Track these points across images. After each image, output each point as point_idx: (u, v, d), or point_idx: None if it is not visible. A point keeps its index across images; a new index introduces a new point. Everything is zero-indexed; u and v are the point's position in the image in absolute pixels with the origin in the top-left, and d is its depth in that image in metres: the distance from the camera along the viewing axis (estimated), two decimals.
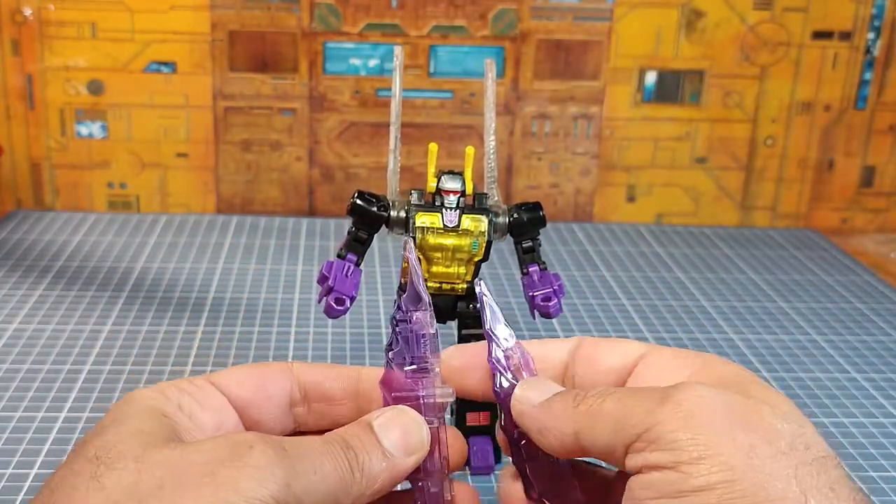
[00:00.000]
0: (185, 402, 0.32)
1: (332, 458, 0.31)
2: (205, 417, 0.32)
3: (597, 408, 0.31)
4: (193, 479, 0.27)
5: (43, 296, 0.71)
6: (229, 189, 0.92)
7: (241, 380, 0.34)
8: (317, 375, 0.35)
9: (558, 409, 0.32)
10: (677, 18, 0.90)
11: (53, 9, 0.86)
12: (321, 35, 0.89)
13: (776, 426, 0.28)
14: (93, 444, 0.29)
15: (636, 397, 0.30)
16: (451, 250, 0.47)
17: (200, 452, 0.28)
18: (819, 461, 0.28)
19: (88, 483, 0.27)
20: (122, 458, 0.28)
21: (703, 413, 0.28)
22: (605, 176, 0.95)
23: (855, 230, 0.98)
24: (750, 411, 0.29)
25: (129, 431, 0.29)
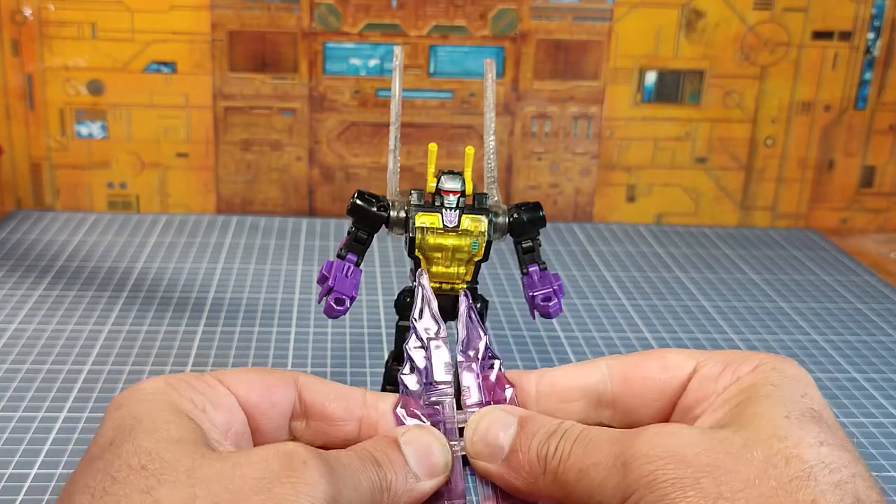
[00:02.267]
0: (197, 399, 0.31)
1: (367, 475, 0.30)
2: (216, 417, 0.32)
3: (564, 477, 0.30)
4: (249, 497, 0.27)
5: (43, 296, 0.71)
6: (229, 189, 0.92)
7: (248, 382, 0.34)
8: (320, 393, 0.35)
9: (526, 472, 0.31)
10: (677, 18, 0.90)
11: (53, 9, 0.86)
12: (321, 35, 0.89)
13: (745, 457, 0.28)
14: (129, 450, 0.28)
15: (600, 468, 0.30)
16: (450, 250, 0.47)
17: (253, 466, 0.28)
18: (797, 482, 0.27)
19: (140, 497, 0.26)
20: (173, 471, 0.27)
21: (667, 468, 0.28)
22: (605, 176, 0.95)
23: (855, 230, 0.98)
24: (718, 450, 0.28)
25: (167, 438, 0.28)
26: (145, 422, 0.29)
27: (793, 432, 0.29)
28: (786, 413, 0.30)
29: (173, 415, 0.30)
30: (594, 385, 0.35)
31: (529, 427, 0.32)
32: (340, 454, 0.31)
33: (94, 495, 0.27)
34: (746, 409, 0.30)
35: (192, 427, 0.30)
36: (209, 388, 0.32)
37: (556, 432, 0.31)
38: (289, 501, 0.27)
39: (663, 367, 0.34)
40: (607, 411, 0.35)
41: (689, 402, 0.33)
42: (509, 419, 0.33)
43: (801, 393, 0.31)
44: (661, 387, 0.34)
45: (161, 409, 0.30)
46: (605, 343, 0.67)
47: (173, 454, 0.28)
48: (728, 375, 0.33)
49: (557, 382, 0.35)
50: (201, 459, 0.28)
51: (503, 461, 0.32)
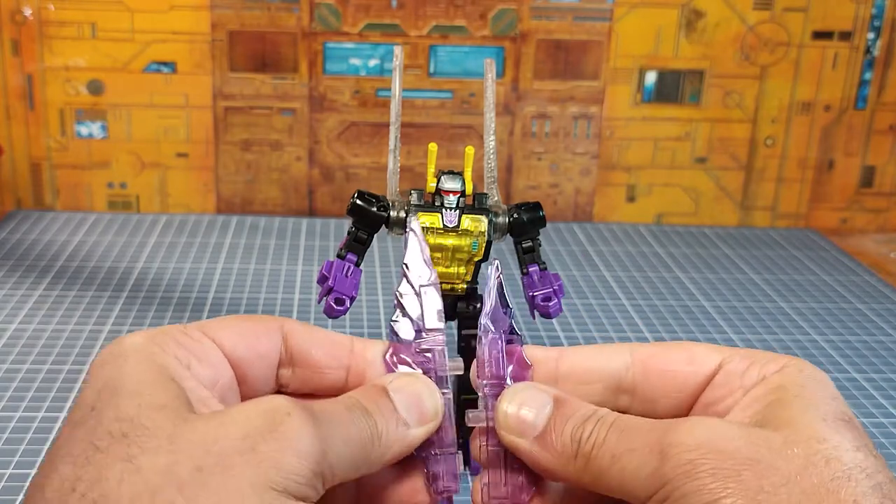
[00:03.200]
0: (181, 355, 0.30)
1: (356, 426, 0.30)
2: (202, 372, 0.31)
3: (596, 462, 0.30)
4: (233, 458, 0.26)
5: (43, 296, 0.71)
6: (229, 189, 0.92)
7: (235, 334, 0.33)
8: (306, 341, 0.34)
9: (556, 452, 0.31)
10: (677, 18, 0.90)
11: (53, 9, 0.86)
12: (321, 35, 0.89)
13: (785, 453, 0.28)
14: (111, 417, 0.27)
15: (635, 451, 0.29)
16: (450, 250, 0.47)
17: (236, 425, 0.27)
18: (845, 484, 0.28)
19: (122, 465, 0.26)
20: (154, 437, 0.26)
21: (707, 459, 0.28)
22: (605, 176, 0.95)
23: (855, 230, 0.98)
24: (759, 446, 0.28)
25: (150, 405, 0.28)
26: (127, 385, 0.28)
27: (830, 435, 0.29)
28: (822, 416, 0.30)
29: (156, 376, 0.29)
30: (616, 370, 0.34)
31: (565, 409, 0.32)
32: (327, 405, 0.30)
33: (76, 464, 0.26)
34: (780, 409, 0.30)
35: (175, 389, 0.29)
36: (194, 342, 0.31)
37: (591, 417, 0.31)
38: (274, 458, 0.26)
39: (688, 360, 0.34)
40: (626, 398, 0.35)
41: (713, 396, 0.33)
42: (546, 398, 0.32)
43: (830, 396, 0.31)
44: (684, 379, 0.34)
45: (144, 370, 0.29)
46: (605, 343, 0.67)
47: (155, 420, 0.27)
48: (754, 373, 0.33)
49: (579, 364, 0.35)
50: (183, 424, 0.27)
51: (535, 438, 0.32)
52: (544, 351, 0.35)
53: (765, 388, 0.32)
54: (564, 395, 0.33)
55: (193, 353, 0.31)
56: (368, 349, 0.34)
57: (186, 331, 0.32)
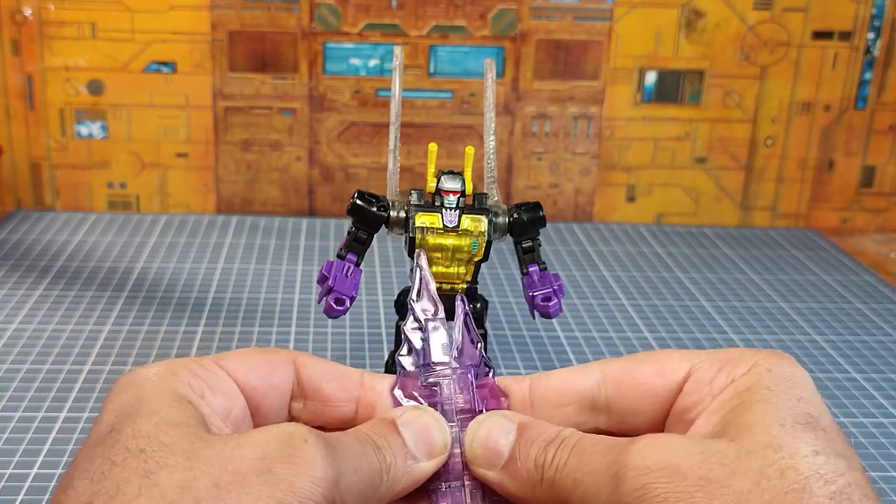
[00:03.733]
0: (195, 384, 0.31)
1: (367, 458, 0.30)
2: (216, 401, 0.31)
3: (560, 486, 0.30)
4: (249, 478, 0.26)
5: (43, 296, 0.71)
6: (229, 189, 0.92)
7: (248, 365, 0.33)
8: (317, 374, 0.34)
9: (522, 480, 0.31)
10: (677, 18, 0.90)
11: (53, 9, 0.86)
12: (321, 35, 0.89)
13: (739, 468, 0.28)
14: (129, 434, 0.28)
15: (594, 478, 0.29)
16: (450, 250, 0.47)
17: (253, 447, 0.27)
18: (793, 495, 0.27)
19: (140, 481, 0.26)
20: (171, 454, 0.27)
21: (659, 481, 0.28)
22: (605, 176, 0.95)
23: (855, 230, 0.98)
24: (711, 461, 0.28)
25: (166, 422, 0.28)
26: (145, 406, 0.29)
27: (787, 441, 0.28)
28: (780, 421, 0.29)
29: (172, 399, 0.30)
30: (588, 390, 0.35)
31: (528, 434, 0.32)
32: (340, 436, 0.30)
33: (93, 479, 0.27)
34: (740, 416, 0.30)
35: (191, 411, 0.29)
36: (208, 372, 0.32)
37: (554, 440, 0.31)
38: (289, 481, 0.27)
39: (657, 372, 0.34)
40: (602, 416, 0.35)
41: (684, 405, 0.33)
42: (509, 426, 0.33)
43: (796, 396, 0.30)
44: (655, 391, 0.34)
45: (160, 393, 0.30)
46: (605, 343, 0.67)
47: (172, 437, 0.28)
48: (723, 377, 0.32)
49: (551, 388, 0.35)
50: (200, 442, 0.28)
51: (502, 468, 0.32)
52: (516, 381, 0.36)
53: (732, 391, 0.31)
54: (529, 420, 0.33)
55: (207, 382, 0.32)
56: (378, 382, 0.35)
57: (200, 362, 0.32)
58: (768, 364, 0.32)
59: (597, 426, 0.35)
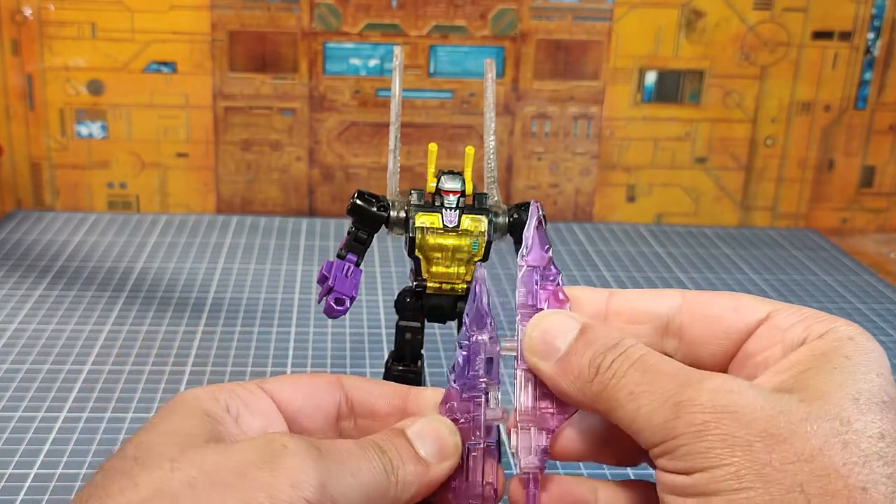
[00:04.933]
0: (233, 404, 0.32)
1: (368, 461, 0.30)
2: (252, 422, 0.32)
3: (612, 394, 0.30)
4: (225, 479, 0.27)
5: (43, 296, 0.71)
6: (229, 189, 0.92)
7: (293, 387, 0.34)
8: (366, 392, 0.35)
9: (574, 375, 0.31)
10: (677, 18, 0.90)
11: (53, 9, 0.86)
12: (321, 35, 0.89)
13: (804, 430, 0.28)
14: (133, 443, 0.29)
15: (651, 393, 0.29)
16: (450, 250, 0.47)
17: (234, 452, 0.28)
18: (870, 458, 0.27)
19: (123, 482, 0.27)
20: (159, 458, 0.28)
21: (720, 423, 0.28)
22: (605, 176, 0.95)
23: (855, 230, 0.98)
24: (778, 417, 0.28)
25: (167, 431, 0.29)
26: (161, 419, 0.30)
27: (856, 417, 0.28)
28: (855, 394, 0.29)
29: (191, 414, 0.30)
30: (664, 312, 0.34)
31: (589, 335, 0.32)
32: (339, 443, 0.31)
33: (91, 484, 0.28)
34: (815, 379, 0.29)
35: (204, 424, 0.30)
36: (248, 392, 0.33)
37: (615, 347, 0.31)
38: (266, 484, 0.27)
39: (734, 307, 0.34)
40: (672, 341, 0.34)
41: (755, 347, 0.33)
42: (572, 323, 0.33)
43: (875, 371, 0.30)
44: (729, 325, 0.33)
45: (186, 409, 0.31)
46: None
47: (166, 445, 0.28)
48: (799, 330, 0.32)
49: (628, 304, 0.35)
50: (190, 449, 0.28)
51: (557, 361, 0.32)
52: (594, 291, 0.36)
53: (807, 352, 0.31)
54: (593, 323, 0.33)
55: (245, 402, 0.32)
56: (424, 397, 0.35)
57: (244, 384, 0.33)
58: (850, 332, 0.31)
59: (664, 350, 0.34)
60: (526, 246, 0.36)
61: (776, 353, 0.32)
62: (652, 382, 0.30)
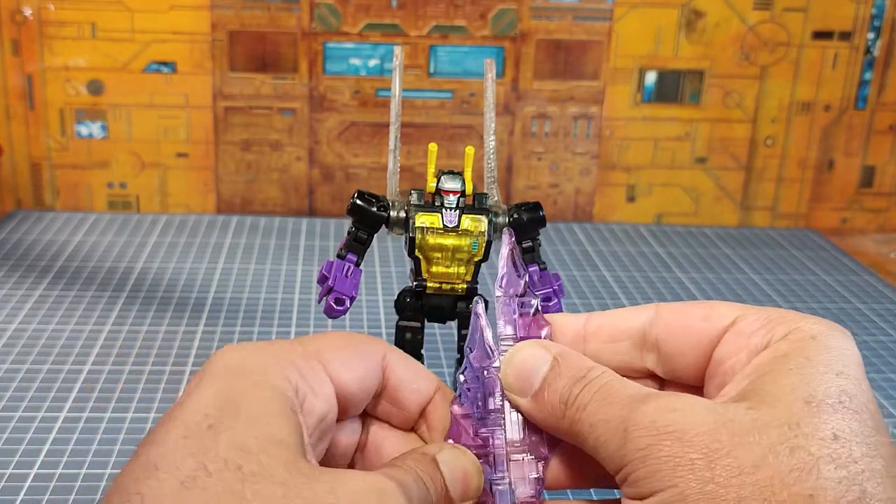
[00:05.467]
0: (301, 386, 0.30)
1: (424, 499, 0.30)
2: (317, 407, 0.31)
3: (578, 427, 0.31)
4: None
5: (43, 296, 0.71)
6: (229, 189, 0.92)
7: (348, 367, 0.33)
8: (401, 379, 0.34)
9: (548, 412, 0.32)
10: (677, 18, 0.90)
11: (53, 9, 0.86)
12: (321, 35, 0.89)
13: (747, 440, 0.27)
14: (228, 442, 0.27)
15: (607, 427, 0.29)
16: (450, 250, 0.47)
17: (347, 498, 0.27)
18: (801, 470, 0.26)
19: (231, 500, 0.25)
20: (269, 481, 0.26)
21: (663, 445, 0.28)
22: (605, 176, 0.95)
23: (855, 230, 0.98)
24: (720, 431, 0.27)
25: (269, 439, 0.27)
26: (249, 409, 0.28)
27: (806, 420, 0.27)
28: (807, 396, 0.28)
29: (279, 407, 0.29)
30: (640, 327, 0.34)
31: (560, 367, 0.32)
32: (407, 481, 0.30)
33: (182, 482, 0.26)
34: (769, 383, 0.29)
35: (294, 425, 0.29)
36: (314, 373, 0.31)
37: (582, 378, 0.31)
38: None
39: (705, 315, 0.33)
40: (652, 356, 0.34)
41: (723, 354, 0.32)
42: (545, 356, 0.32)
43: (835, 370, 0.29)
44: (699, 335, 0.33)
45: (266, 396, 0.29)
46: None
47: (271, 459, 0.27)
48: (762, 334, 0.31)
49: (605, 323, 0.35)
50: (297, 474, 0.27)
51: (532, 397, 0.32)
52: (573, 316, 0.36)
53: (769, 355, 0.30)
54: (565, 352, 0.33)
55: (312, 385, 0.31)
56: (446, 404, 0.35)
57: (307, 359, 0.31)
58: (814, 331, 0.30)
59: (646, 366, 0.34)
60: (500, 275, 0.36)
61: (742, 359, 0.31)
62: (607, 411, 0.30)
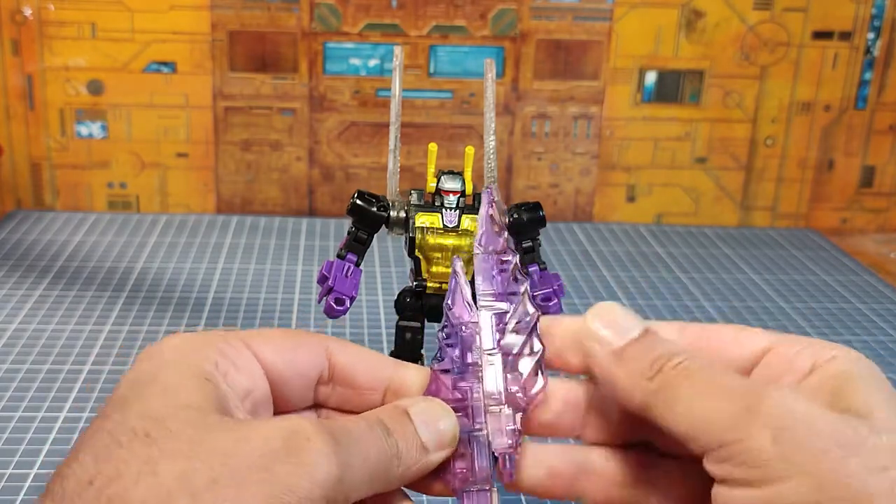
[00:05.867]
0: (221, 362, 0.31)
1: (377, 445, 0.30)
2: (239, 381, 0.31)
3: (673, 391, 0.30)
4: (248, 476, 0.27)
5: (43, 296, 0.71)
6: (229, 189, 0.92)
7: (276, 349, 0.33)
8: (350, 361, 0.34)
9: (632, 368, 0.31)
10: (677, 18, 0.90)
11: (53, 9, 0.86)
12: (321, 35, 0.89)
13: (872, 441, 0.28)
14: (137, 412, 0.28)
15: (719, 396, 0.29)
16: (450, 250, 0.47)
17: (256, 440, 0.27)
18: None
19: (140, 466, 0.26)
20: (176, 441, 0.27)
21: (794, 428, 0.28)
22: (605, 176, 0.95)
23: (855, 230, 0.98)
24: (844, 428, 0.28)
25: (177, 404, 0.28)
26: (161, 381, 0.29)
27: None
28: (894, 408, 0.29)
29: (190, 377, 0.29)
30: None
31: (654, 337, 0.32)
32: (349, 423, 0.30)
33: (97, 458, 0.27)
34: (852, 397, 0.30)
35: (207, 391, 0.29)
36: (235, 350, 0.32)
37: (679, 353, 0.31)
38: (288, 482, 0.27)
39: (735, 339, 0.33)
40: None
41: (764, 376, 0.32)
42: (637, 322, 0.32)
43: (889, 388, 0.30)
44: (730, 358, 0.33)
45: (180, 369, 0.29)
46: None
47: (179, 422, 0.27)
48: (806, 358, 0.32)
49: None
50: (206, 430, 0.27)
51: (614, 351, 0.31)
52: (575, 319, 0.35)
53: (823, 375, 0.31)
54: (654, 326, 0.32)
55: (232, 361, 0.31)
56: (409, 374, 0.35)
57: (228, 339, 0.32)
58: (852, 355, 0.31)
59: None
60: (479, 233, 0.36)
61: (788, 382, 0.32)
62: (722, 385, 0.29)
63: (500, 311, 0.35)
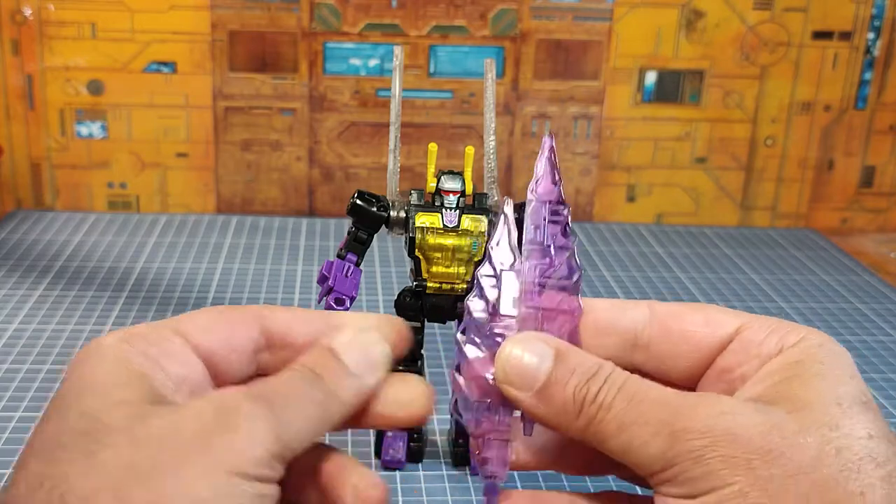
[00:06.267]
0: (150, 352, 0.31)
1: (311, 394, 0.30)
2: (171, 369, 0.31)
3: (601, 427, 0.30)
4: (189, 453, 0.27)
5: (43, 296, 0.71)
6: (229, 189, 0.92)
7: (205, 329, 0.33)
8: (283, 323, 0.34)
9: (558, 407, 0.31)
10: (677, 18, 0.90)
11: (53, 9, 0.86)
12: (321, 35, 0.89)
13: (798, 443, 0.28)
14: (76, 411, 0.28)
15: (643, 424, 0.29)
16: (450, 250, 0.47)
17: (187, 421, 0.28)
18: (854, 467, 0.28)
19: (85, 461, 0.27)
20: (114, 433, 0.27)
21: (716, 445, 0.28)
22: (605, 176, 0.95)
23: (855, 230, 0.98)
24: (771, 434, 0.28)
25: (112, 401, 0.29)
26: (96, 381, 0.30)
27: (844, 422, 0.29)
28: (837, 399, 0.30)
29: (122, 374, 0.30)
30: (633, 325, 0.34)
31: (568, 363, 0.31)
32: (279, 384, 0.30)
33: (43, 461, 0.28)
34: (797, 388, 0.30)
35: (140, 384, 0.30)
36: (164, 340, 0.32)
37: (596, 375, 0.31)
38: (228, 451, 0.27)
39: (705, 321, 0.33)
40: (640, 355, 0.34)
41: (727, 363, 0.33)
42: (546, 350, 0.31)
43: (849, 374, 0.31)
44: (699, 340, 0.33)
45: (113, 368, 0.30)
46: None
47: (114, 416, 0.28)
48: (772, 342, 0.32)
49: (597, 317, 0.34)
50: (141, 421, 0.28)
51: (536, 393, 0.31)
52: None
53: (782, 361, 0.31)
54: (566, 346, 0.32)
55: (163, 351, 0.31)
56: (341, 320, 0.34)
57: (157, 329, 0.32)
58: (819, 339, 0.32)
59: (633, 363, 0.34)
60: (536, 177, 0.35)
61: (753, 367, 0.32)
62: (642, 413, 0.29)
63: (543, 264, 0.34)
